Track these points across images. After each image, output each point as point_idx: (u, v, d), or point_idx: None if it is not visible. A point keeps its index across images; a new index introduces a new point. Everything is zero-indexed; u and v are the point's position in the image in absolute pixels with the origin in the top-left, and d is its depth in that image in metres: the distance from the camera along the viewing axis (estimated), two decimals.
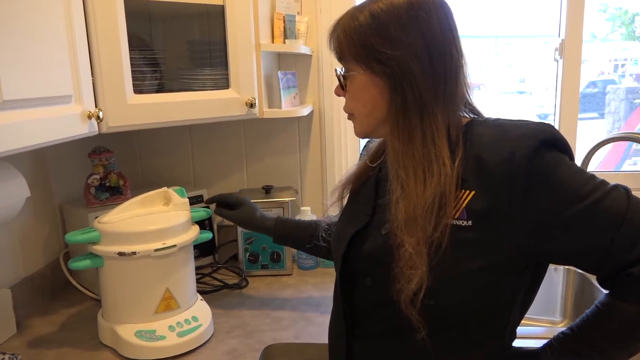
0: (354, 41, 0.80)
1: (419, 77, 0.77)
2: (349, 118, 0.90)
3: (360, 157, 1.06)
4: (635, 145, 3.45)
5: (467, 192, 0.76)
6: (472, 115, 0.85)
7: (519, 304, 0.82)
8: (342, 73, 0.86)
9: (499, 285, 0.78)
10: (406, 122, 0.79)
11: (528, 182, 0.72)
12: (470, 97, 0.84)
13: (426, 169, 0.77)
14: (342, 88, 0.87)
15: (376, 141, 0.98)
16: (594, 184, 0.74)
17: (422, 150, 0.78)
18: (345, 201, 0.99)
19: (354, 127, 0.89)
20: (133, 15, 1.19)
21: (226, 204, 1.31)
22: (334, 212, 1.02)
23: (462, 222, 0.76)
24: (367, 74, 0.81)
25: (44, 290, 1.41)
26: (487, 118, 0.84)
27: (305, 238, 1.22)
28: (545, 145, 0.74)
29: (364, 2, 0.82)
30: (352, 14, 0.81)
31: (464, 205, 0.76)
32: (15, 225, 1.32)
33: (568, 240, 0.74)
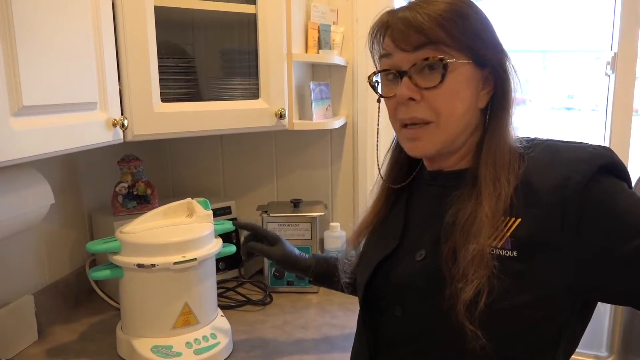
0: (460, 27, 0.71)
1: (512, 79, 0.75)
2: (410, 134, 0.76)
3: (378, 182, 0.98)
4: None
5: (513, 219, 0.69)
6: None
7: (566, 343, 0.73)
8: (438, 61, 0.71)
9: (546, 322, 0.70)
10: (504, 119, 0.75)
11: (583, 211, 0.65)
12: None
13: (502, 177, 0.71)
14: (441, 79, 0.71)
15: (393, 161, 0.89)
16: None
17: (510, 153, 0.73)
18: (362, 246, 0.92)
19: (425, 140, 0.75)
20: (164, 23, 1.18)
21: (262, 237, 1.15)
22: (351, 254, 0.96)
23: (507, 252, 0.68)
24: (473, 65, 0.73)
25: (68, 297, 1.40)
26: (535, 138, 0.76)
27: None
28: (603, 171, 0.67)
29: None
30: (446, 1, 0.72)
31: (508, 233, 0.68)
32: (42, 230, 1.32)
33: (625, 278, 0.65)
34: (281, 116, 1.33)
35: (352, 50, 1.63)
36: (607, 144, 1.57)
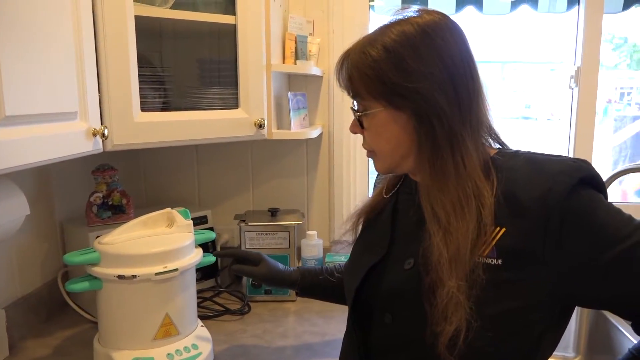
0: (370, 77, 0.75)
1: (446, 108, 0.73)
2: (368, 155, 0.85)
3: (374, 185, 1.02)
4: None
5: (498, 228, 0.71)
6: (496, 145, 0.81)
7: (545, 347, 0.76)
8: (359, 111, 0.79)
9: (528, 328, 0.73)
10: (437, 157, 0.74)
11: (564, 222, 0.68)
12: (492, 121, 0.80)
13: (464, 204, 0.72)
14: (361, 126, 0.81)
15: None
16: (634, 226, 0.69)
17: (458, 184, 0.72)
18: (359, 231, 0.95)
19: (375, 164, 0.84)
20: (143, 33, 1.17)
21: (244, 259, 1.16)
22: (347, 239, 0.97)
23: (492, 260, 0.71)
24: (388, 110, 0.76)
25: (40, 310, 1.36)
26: (517, 150, 0.79)
27: (334, 284, 1.10)
28: (582, 183, 0.70)
29: (372, 35, 0.77)
30: (362, 50, 0.76)
31: (493, 242, 0.71)
32: (13, 242, 1.28)
33: (606, 286, 0.70)
34: (261, 126, 1.34)
35: (327, 61, 1.65)
36: (571, 151, 1.65)
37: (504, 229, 0.71)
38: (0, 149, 0.79)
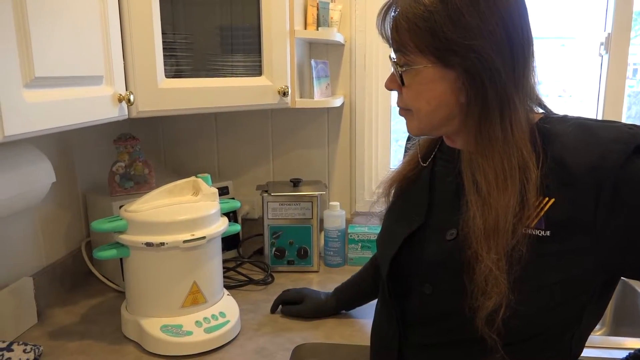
0: (421, 30, 0.69)
1: (501, 69, 0.68)
2: (401, 113, 0.80)
3: (405, 150, 1.00)
4: None
5: (547, 199, 0.68)
6: (540, 110, 0.77)
7: (587, 320, 0.75)
8: (401, 65, 0.74)
9: (576, 299, 0.71)
10: (485, 121, 0.69)
11: (618, 193, 0.65)
12: (537, 86, 0.75)
13: (508, 176, 0.68)
14: (401, 82, 0.76)
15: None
16: None
17: (504, 153, 0.69)
18: (391, 199, 0.92)
19: (409, 124, 0.79)
20: None
21: (289, 302, 1.25)
22: (379, 208, 0.95)
23: (540, 232, 0.68)
24: (436, 67, 0.70)
25: (65, 279, 1.37)
26: (565, 115, 0.75)
27: (367, 291, 1.17)
28: (638, 151, 0.66)
29: None
30: None
31: (542, 213, 0.68)
32: (37, 212, 1.28)
33: None
34: (284, 94, 1.32)
35: (349, 28, 1.61)
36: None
37: (552, 200, 0.68)
38: (30, 112, 0.78)
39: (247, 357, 1.06)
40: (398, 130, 1.72)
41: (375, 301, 1.00)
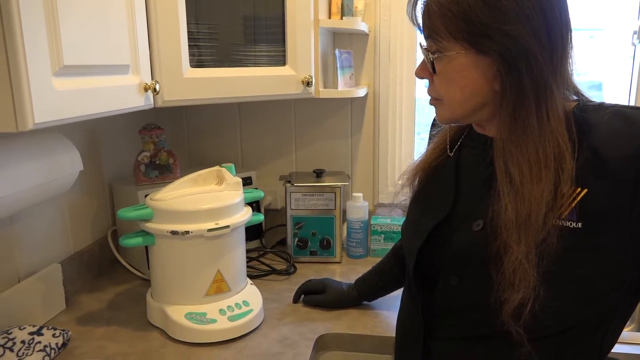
0: (454, 15, 0.67)
1: (538, 55, 0.65)
2: (432, 103, 0.78)
3: (429, 138, 0.98)
4: None
5: (579, 189, 0.66)
6: (575, 98, 0.74)
7: (620, 315, 0.73)
8: (433, 52, 0.72)
9: (608, 294, 0.69)
10: (521, 108, 0.67)
11: None
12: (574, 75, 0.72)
13: (542, 166, 0.66)
14: (432, 70, 0.74)
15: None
16: None
17: (539, 142, 0.66)
18: (415, 188, 0.90)
19: (439, 112, 0.77)
20: None
21: (311, 291, 1.25)
22: (402, 198, 0.94)
23: (571, 224, 0.66)
24: (469, 53, 0.68)
25: (92, 266, 1.39)
26: (602, 103, 0.72)
27: (388, 282, 1.17)
28: None
29: None
30: None
31: (574, 204, 0.66)
32: (65, 200, 1.30)
33: None
34: (308, 84, 1.31)
35: (374, 18, 1.60)
36: None
37: (585, 190, 0.66)
38: (59, 100, 0.79)
39: (270, 345, 1.07)
40: (420, 124, 1.69)
41: (398, 292, 1.00)
